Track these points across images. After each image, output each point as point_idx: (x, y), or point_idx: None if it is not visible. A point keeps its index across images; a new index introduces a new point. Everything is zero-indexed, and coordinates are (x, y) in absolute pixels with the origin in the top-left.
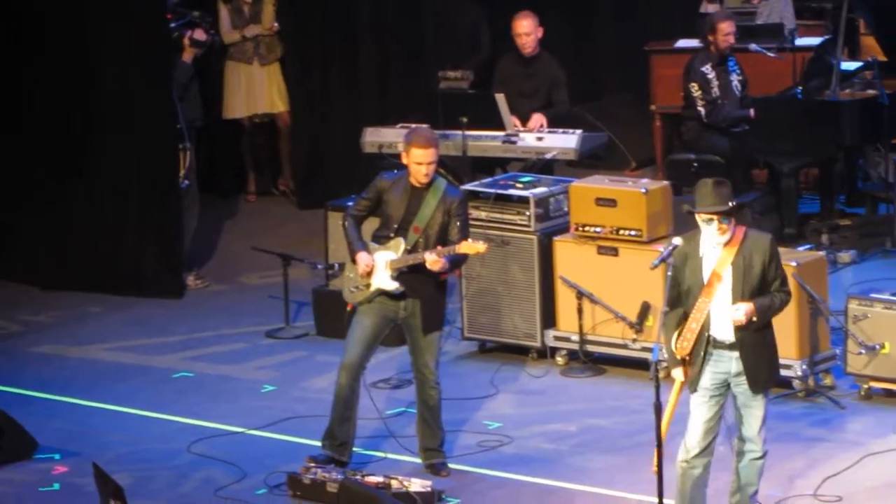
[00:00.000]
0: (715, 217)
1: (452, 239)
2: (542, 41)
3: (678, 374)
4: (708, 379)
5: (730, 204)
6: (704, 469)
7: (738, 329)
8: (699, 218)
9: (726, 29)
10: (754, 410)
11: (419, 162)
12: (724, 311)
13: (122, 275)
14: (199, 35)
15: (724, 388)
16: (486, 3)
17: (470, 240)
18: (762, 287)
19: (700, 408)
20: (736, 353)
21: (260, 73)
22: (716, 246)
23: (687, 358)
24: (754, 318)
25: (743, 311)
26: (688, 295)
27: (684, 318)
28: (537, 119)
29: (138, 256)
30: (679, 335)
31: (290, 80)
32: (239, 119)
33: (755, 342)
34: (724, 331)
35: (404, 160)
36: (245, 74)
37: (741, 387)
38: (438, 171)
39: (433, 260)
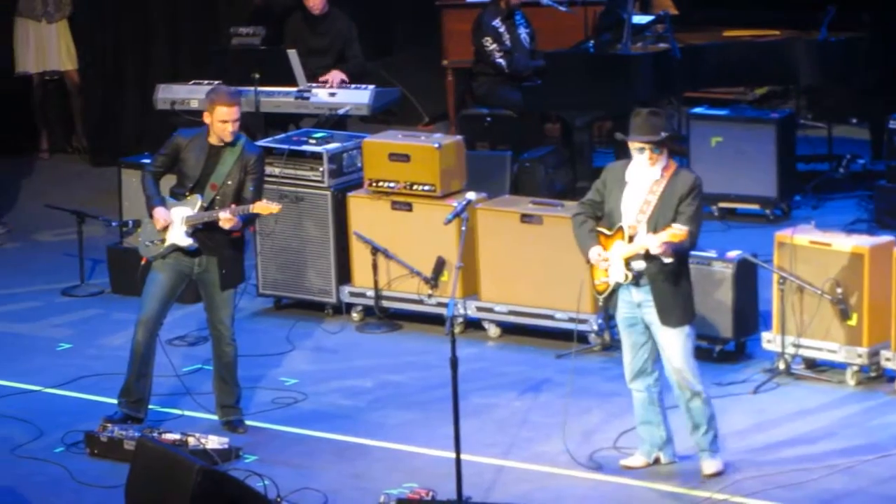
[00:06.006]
0: (646, 146)
1: (246, 196)
2: None
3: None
4: (621, 308)
5: (661, 134)
6: (647, 390)
7: (647, 261)
8: (631, 146)
9: None
10: (663, 342)
11: (224, 120)
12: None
13: None
14: None
15: (638, 315)
16: None
17: (265, 200)
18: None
19: (623, 335)
20: (641, 282)
21: (48, 31)
22: (644, 176)
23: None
24: (668, 256)
25: (659, 239)
26: (609, 217)
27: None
28: (336, 75)
29: None
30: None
31: (79, 37)
32: (29, 76)
33: (665, 274)
34: (635, 266)
35: (207, 119)
36: (34, 31)
37: (648, 316)
38: None
39: (226, 218)
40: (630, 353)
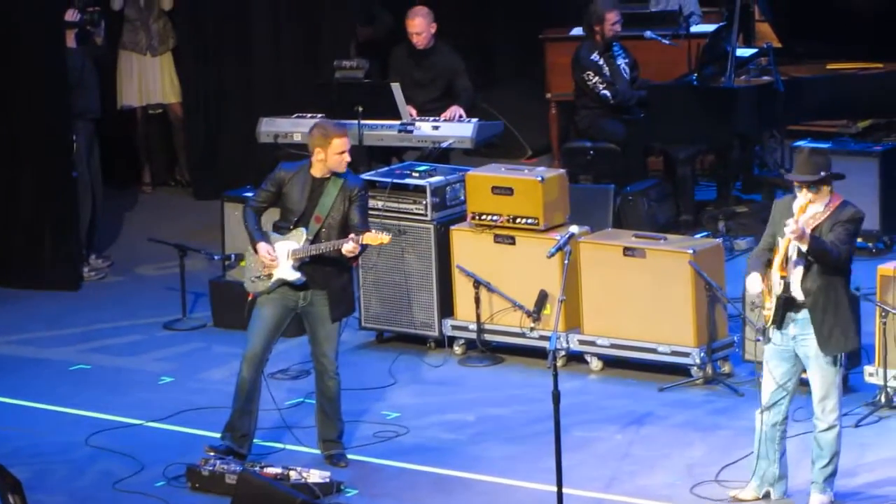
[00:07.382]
0: (803, 185)
1: (353, 223)
2: (438, 27)
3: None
4: (776, 336)
5: (821, 174)
6: (774, 426)
7: (808, 290)
8: (794, 183)
9: (613, 18)
10: (815, 374)
11: (342, 151)
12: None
13: (16, 267)
14: (70, 16)
15: (791, 350)
16: None
17: (374, 230)
18: None
19: (768, 363)
20: (799, 315)
21: (152, 64)
22: (808, 210)
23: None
24: (802, 241)
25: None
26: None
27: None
28: (455, 110)
29: (33, 249)
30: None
31: (183, 70)
32: (132, 109)
33: (826, 301)
34: (794, 290)
35: (319, 154)
36: (138, 64)
37: (802, 349)
38: None
39: (349, 249)
40: (771, 384)
